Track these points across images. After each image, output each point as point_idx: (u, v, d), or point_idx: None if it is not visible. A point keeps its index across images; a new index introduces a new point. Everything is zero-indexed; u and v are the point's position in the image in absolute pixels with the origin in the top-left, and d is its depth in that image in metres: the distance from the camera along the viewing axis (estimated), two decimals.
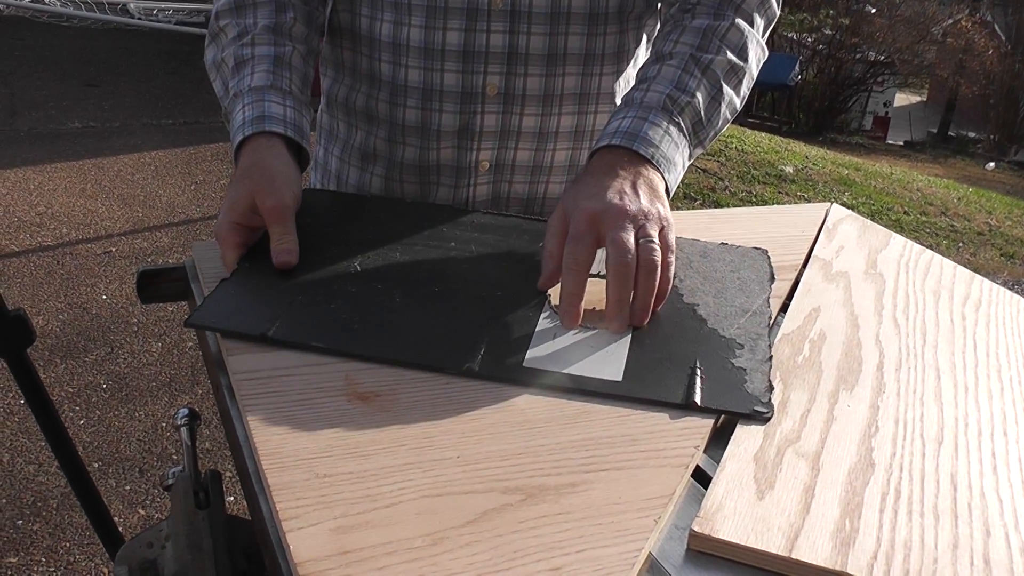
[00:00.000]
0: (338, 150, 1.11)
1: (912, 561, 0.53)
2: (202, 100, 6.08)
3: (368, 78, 1.03)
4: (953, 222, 6.13)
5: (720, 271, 0.89)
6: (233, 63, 0.92)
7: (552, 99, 1.01)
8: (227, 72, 0.93)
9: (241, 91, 0.90)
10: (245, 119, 0.87)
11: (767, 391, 0.69)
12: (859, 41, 16.67)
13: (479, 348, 0.71)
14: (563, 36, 0.98)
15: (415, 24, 0.96)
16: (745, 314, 0.81)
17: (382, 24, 0.99)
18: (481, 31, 0.96)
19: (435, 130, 1.01)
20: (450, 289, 0.80)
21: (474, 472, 0.57)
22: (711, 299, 0.83)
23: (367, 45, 1.01)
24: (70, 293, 3.30)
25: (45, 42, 7.20)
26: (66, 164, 4.69)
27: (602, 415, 0.65)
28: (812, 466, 0.61)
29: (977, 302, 0.93)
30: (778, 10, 0.99)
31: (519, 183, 1.07)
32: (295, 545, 0.50)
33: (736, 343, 0.76)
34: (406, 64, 0.99)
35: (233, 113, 0.90)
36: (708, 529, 0.54)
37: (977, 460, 0.65)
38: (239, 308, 0.74)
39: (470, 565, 0.50)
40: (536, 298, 0.80)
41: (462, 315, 0.76)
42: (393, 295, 0.78)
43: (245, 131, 0.86)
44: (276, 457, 0.57)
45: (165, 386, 2.77)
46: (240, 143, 0.87)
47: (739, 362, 0.73)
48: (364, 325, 0.73)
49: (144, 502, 2.24)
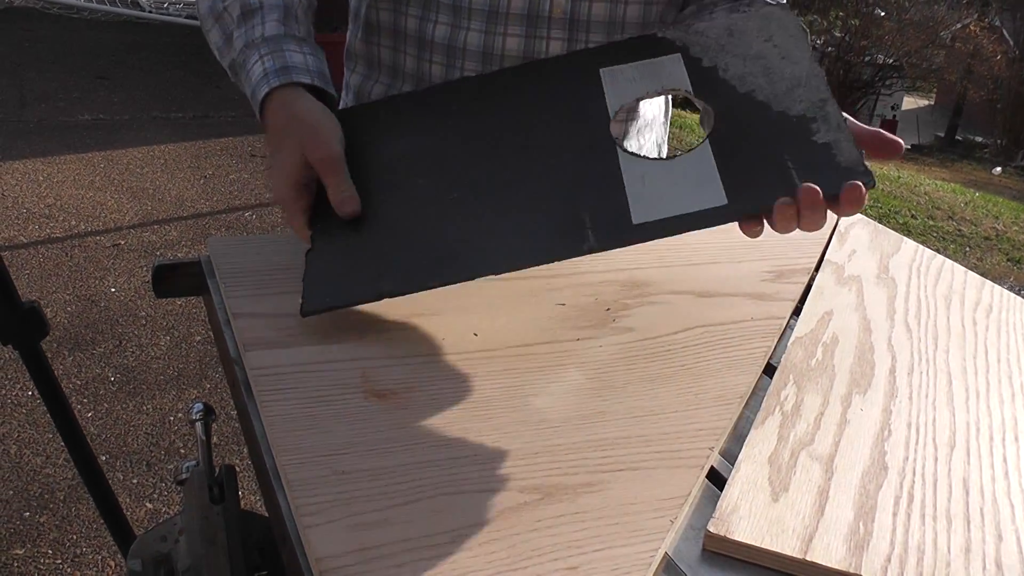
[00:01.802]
0: None
1: (925, 564, 0.54)
2: (212, 94, 6.08)
3: (414, 78, 1.02)
4: (960, 226, 6.11)
5: (756, 46, 0.82)
6: (239, 12, 0.88)
7: None
8: (230, 21, 0.89)
9: (253, 41, 0.86)
10: (267, 70, 0.83)
11: (860, 157, 0.69)
12: (868, 44, 16.64)
13: (584, 223, 0.69)
14: None
15: (474, 28, 0.96)
16: (800, 84, 0.76)
17: (435, 26, 0.98)
18: (541, 37, 0.96)
19: None
20: (520, 173, 0.76)
21: (491, 471, 0.58)
22: (762, 80, 0.78)
23: (414, 45, 1.00)
24: (78, 285, 3.31)
25: (55, 34, 7.21)
26: (75, 156, 4.70)
27: (617, 415, 0.66)
28: (826, 469, 0.62)
29: (988, 307, 0.94)
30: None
31: None
32: (313, 541, 0.50)
33: (807, 118, 0.73)
34: (462, 67, 0.99)
35: (248, 64, 0.86)
36: (723, 530, 0.54)
37: (989, 465, 0.65)
38: (341, 276, 0.73)
39: (488, 563, 0.50)
40: (597, 138, 0.76)
41: (547, 196, 0.73)
42: (472, 202, 0.75)
43: (271, 82, 0.82)
44: (294, 453, 0.58)
45: (173, 380, 2.78)
46: (265, 96, 0.83)
47: (820, 137, 0.71)
48: (465, 244, 0.71)
49: (152, 495, 2.25)
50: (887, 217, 5.87)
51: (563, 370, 0.72)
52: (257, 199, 4.41)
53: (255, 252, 0.87)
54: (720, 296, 0.88)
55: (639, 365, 0.74)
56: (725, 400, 0.70)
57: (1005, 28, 20.34)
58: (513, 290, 0.85)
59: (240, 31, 0.88)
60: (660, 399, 0.69)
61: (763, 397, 0.71)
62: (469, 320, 0.78)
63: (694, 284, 0.89)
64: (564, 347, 0.75)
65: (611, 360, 0.74)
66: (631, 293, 0.86)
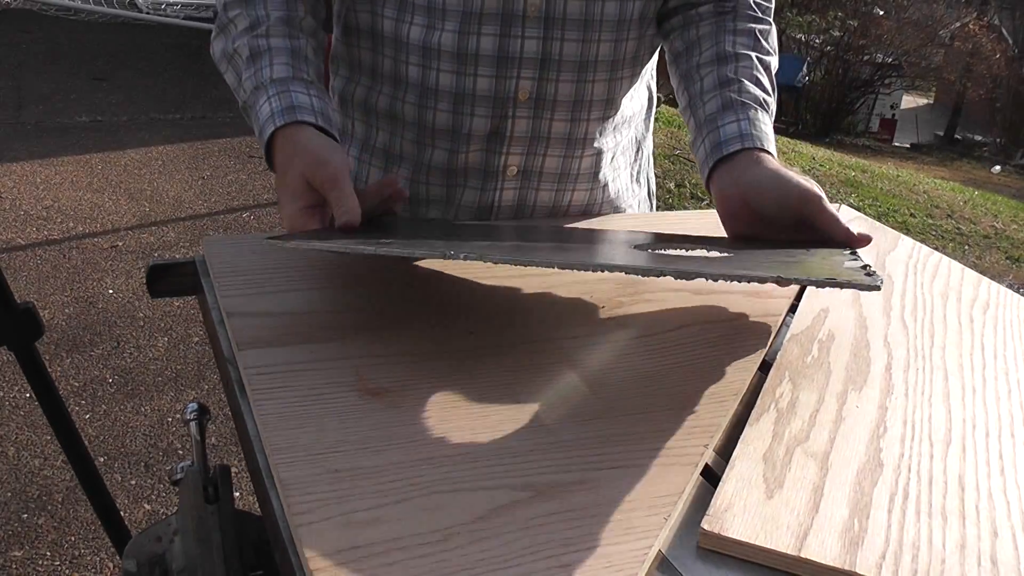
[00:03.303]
0: (355, 150, 1.11)
1: (920, 561, 0.53)
2: (210, 95, 6.08)
3: (391, 80, 1.03)
4: (959, 225, 6.11)
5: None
6: (248, 53, 0.91)
7: (582, 104, 1.03)
8: (240, 63, 0.92)
9: (263, 83, 0.89)
10: (274, 110, 0.86)
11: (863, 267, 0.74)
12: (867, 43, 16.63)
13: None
14: (595, 43, 0.99)
15: (448, 29, 0.96)
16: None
17: (411, 27, 0.98)
18: (516, 36, 0.96)
19: (465, 134, 1.02)
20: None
21: (485, 468, 0.58)
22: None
23: (391, 47, 1.01)
24: (76, 287, 3.31)
25: (53, 35, 7.20)
26: (73, 158, 4.70)
27: (612, 413, 0.65)
28: (821, 466, 0.61)
29: (985, 304, 0.93)
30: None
31: (545, 190, 1.08)
32: (306, 540, 0.50)
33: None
34: (437, 68, 0.99)
35: (257, 106, 0.88)
36: (718, 527, 0.54)
37: (985, 462, 0.65)
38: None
39: (480, 561, 0.50)
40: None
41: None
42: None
43: (276, 122, 0.85)
44: (286, 452, 0.58)
45: (171, 381, 2.78)
46: (271, 136, 0.86)
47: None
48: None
49: (150, 497, 2.25)
50: (886, 215, 5.87)
51: (557, 368, 0.71)
52: (255, 200, 4.41)
53: (249, 251, 0.87)
54: (716, 293, 0.88)
55: (634, 363, 0.73)
56: (720, 397, 0.69)
57: (1004, 27, 20.35)
58: (508, 288, 0.85)
59: (249, 72, 0.91)
60: (654, 396, 0.69)
61: (758, 394, 0.70)
62: (464, 318, 0.78)
63: (690, 281, 0.89)
64: (558, 345, 0.75)
65: (605, 358, 0.74)
66: (625, 291, 0.86)
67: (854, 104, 17.69)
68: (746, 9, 1.03)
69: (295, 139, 0.85)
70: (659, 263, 0.72)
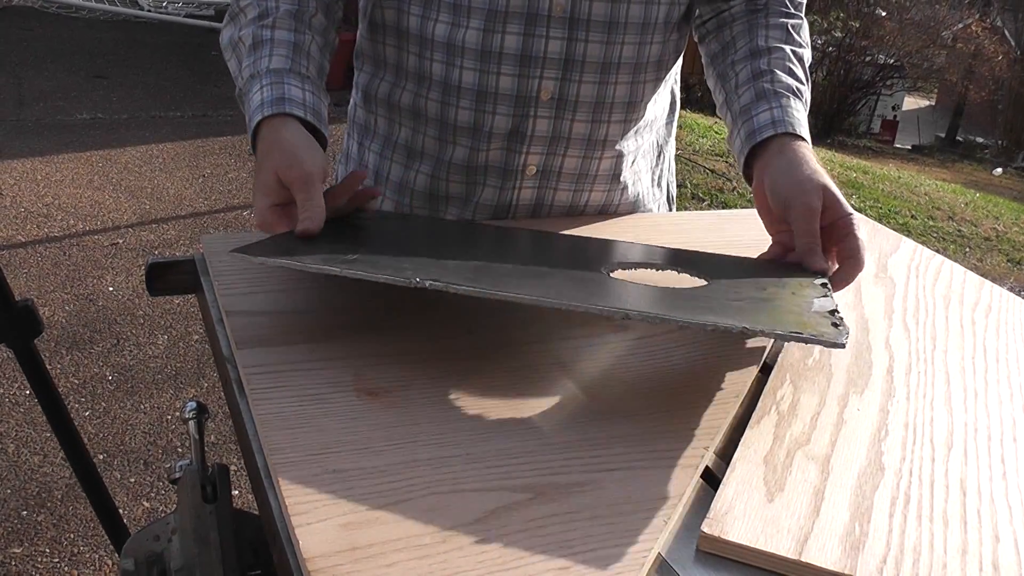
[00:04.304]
0: (377, 146, 1.11)
1: (921, 566, 0.53)
2: (211, 93, 6.08)
3: (416, 76, 1.03)
4: (960, 227, 6.11)
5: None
6: (251, 42, 0.91)
7: (603, 106, 1.03)
8: (243, 51, 0.92)
9: (259, 72, 0.88)
10: (264, 100, 0.86)
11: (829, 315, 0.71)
12: (869, 44, 16.62)
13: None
14: (619, 45, 1.00)
15: (473, 26, 0.96)
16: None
17: (436, 24, 0.98)
18: (540, 36, 0.96)
19: (486, 132, 1.02)
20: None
21: (483, 470, 0.57)
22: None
23: (416, 43, 1.01)
24: (76, 284, 3.31)
25: (54, 33, 7.20)
26: (74, 155, 4.69)
27: (612, 415, 0.65)
28: (822, 469, 0.61)
29: (987, 308, 0.93)
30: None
31: (563, 190, 1.08)
32: (304, 540, 0.50)
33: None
34: (461, 65, 0.99)
35: (250, 93, 0.88)
36: (717, 531, 0.54)
37: (986, 466, 0.65)
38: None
39: (479, 563, 0.49)
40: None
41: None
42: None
43: (264, 111, 0.85)
44: (285, 452, 0.57)
45: (171, 379, 2.77)
46: (258, 124, 0.86)
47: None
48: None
49: (149, 495, 2.25)
50: (887, 217, 5.87)
51: (556, 369, 0.71)
52: None
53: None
54: None
55: (633, 365, 0.73)
56: (720, 400, 0.69)
57: (1007, 29, 20.33)
58: None
59: (248, 61, 0.91)
60: (654, 398, 0.68)
61: (759, 396, 0.70)
62: (463, 319, 0.78)
63: (690, 283, 0.89)
64: (557, 347, 0.75)
65: (605, 360, 0.74)
66: None
67: (856, 105, 17.66)
68: (778, 5, 1.04)
69: (278, 132, 0.84)
70: (626, 304, 0.68)
